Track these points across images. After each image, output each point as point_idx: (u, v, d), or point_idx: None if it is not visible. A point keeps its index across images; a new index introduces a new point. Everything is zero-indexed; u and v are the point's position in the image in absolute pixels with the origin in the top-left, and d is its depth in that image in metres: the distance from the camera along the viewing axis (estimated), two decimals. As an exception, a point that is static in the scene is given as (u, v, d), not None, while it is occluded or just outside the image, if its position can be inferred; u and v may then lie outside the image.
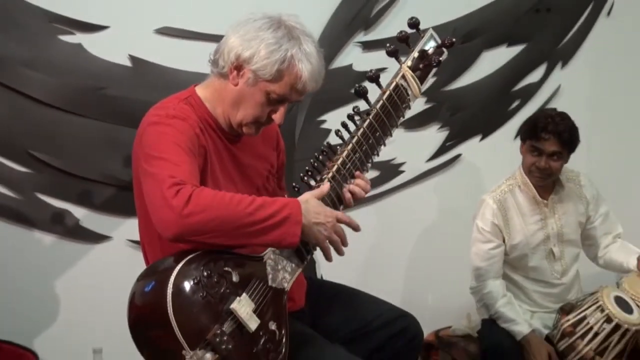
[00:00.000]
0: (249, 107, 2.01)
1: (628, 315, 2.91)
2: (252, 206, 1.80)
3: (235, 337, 1.80)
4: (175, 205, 1.72)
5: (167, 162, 1.83)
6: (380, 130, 2.13)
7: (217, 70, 2.02)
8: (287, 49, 1.93)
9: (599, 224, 3.24)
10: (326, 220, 1.91)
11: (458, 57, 3.59)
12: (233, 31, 1.98)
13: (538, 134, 2.96)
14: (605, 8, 3.93)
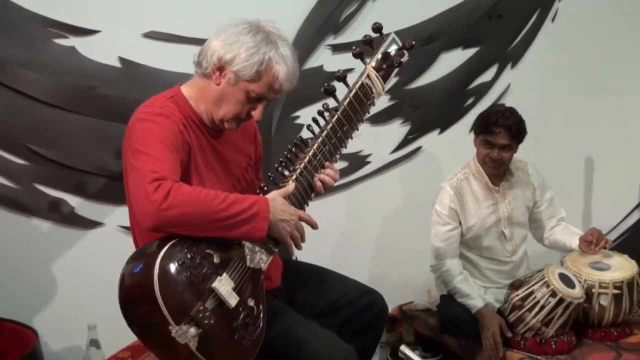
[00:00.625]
0: (230, 105, 2.01)
1: (571, 290, 2.94)
2: (225, 202, 1.81)
3: (216, 313, 1.82)
4: (155, 199, 1.74)
5: (151, 158, 1.83)
6: (348, 124, 2.14)
7: (200, 70, 2.03)
8: (265, 52, 1.94)
9: (544, 208, 3.28)
10: (290, 218, 1.94)
11: (418, 58, 3.59)
12: (215, 35, 1.99)
13: (490, 129, 2.99)
14: (550, 14, 3.95)
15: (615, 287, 3.02)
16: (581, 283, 3.01)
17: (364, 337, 2.29)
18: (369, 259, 3.63)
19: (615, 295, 3.02)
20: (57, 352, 2.99)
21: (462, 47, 3.72)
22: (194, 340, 1.76)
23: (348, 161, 3.49)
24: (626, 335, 3.10)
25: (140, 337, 1.89)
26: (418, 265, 3.37)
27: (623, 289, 3.03)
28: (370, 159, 3.56)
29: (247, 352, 1.89)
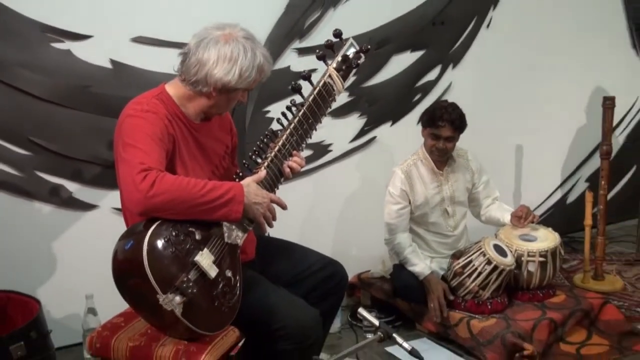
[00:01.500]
0: (226, 106, 2.09)
1: (503, 258, 2.98)
2: (205, 189, 1.81)
3: (198, 283, 1.82)
4: (142, 188, 1.73)
5: (139, 150, 1.82)
6: (312, 118, 2.14)
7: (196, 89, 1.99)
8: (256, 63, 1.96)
9: (481, 189, 3.32)
10: (262, 201, 1.94)
11: (373, 60, 3.58)
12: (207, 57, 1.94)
13: (436, 123, 3.02)
14: (485, 21, 3.96)
15: (541, 255, 3.07)
16: (512, 252, 3.05)
17: (328, 301, 2.29)
18: (331, 234, 3.63)
19: (541, 262, 3.07)
20: (59, 319, 2.94)
21: (410, 50, 3.71)
22: (179, 307, 1.76)
23: (313, 150, 3.48)
24: (550, 296, 3.16)
25: (132, 305, 1.89)
26: (374, 239, 3.37)
27: (548, 257, 3.08)
28: (331, 148, 3.56)
29: (226, 316, 1.90)
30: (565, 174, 4.61)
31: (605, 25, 4.54)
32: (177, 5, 2.97)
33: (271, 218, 2.00)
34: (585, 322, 3.11)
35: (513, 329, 2.85)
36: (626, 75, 4.68)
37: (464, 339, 2.93)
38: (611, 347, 2.98)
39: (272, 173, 2.05)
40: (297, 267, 2.28)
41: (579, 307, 3.10)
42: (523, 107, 4.23)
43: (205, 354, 1.89)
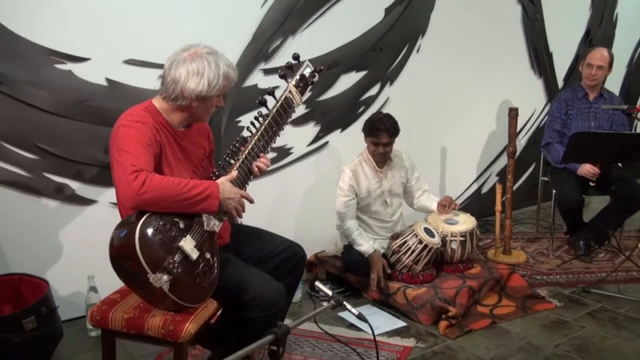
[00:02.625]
0: (205, 113, 2.06)
1: (432, 239, 3.02)
2: (187, 187, 1.81)
3: (182, 264, 1.81)
4: (134, 186, 1.72)
5: (131, 155, 1.80)
6: (276, 126, 2.13)
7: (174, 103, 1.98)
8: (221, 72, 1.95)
9: (414, 183, 3.34)
10: (234, 196, 1.94)
11: (325, 79, 3.58)
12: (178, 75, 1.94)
13: (375, 133, 3.04)
14: (415, 47, 3.99)
15: (461, 236, 3.12)
16: (439, 234, 3.10)
17: (290, 277, 2.29)
18: (293, 221, 3.61)
19: (461, 241, 3.12)
20: (65, 297, 2.86)
21: (355, 71, 3.71)
22: (166, 285, 1.74)
23: (277, 152, 3.46)
24: (469, 269, 3.21)
25: (126, 283, 1.86)
26: (327, 225, 3.38)
27: (467, 237, 3.13)
28: (292, 151, 3.54)
29: (206, 291, 1.89)
30: (479, 170, 4.68)
31: (510, 50, 4.62)
32: (162, 34, 2.91)
33: (241, 210, 1.99)
34: (496, 288, 3.17)
35: (440, 295, 2.89)
36: (527, 91, 4.79)
37: (401, 304, 2.95)
38: (517, 307, 3.03)
39: (243, 172, 2.04)
40: (264, 249, 2.27)
41: (492, 276, 3.15)
42: (446, 116, 4.28)
43: (189, 322, 1.87)
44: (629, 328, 2.78)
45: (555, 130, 3.83)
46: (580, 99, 3.82)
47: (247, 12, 3.22)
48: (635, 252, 3.77)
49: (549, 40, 4.84)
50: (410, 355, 2.56)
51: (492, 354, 2.56)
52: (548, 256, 3.80)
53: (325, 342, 2.66)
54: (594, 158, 3.42)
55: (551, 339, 2.69)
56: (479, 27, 4.32)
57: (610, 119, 3.78)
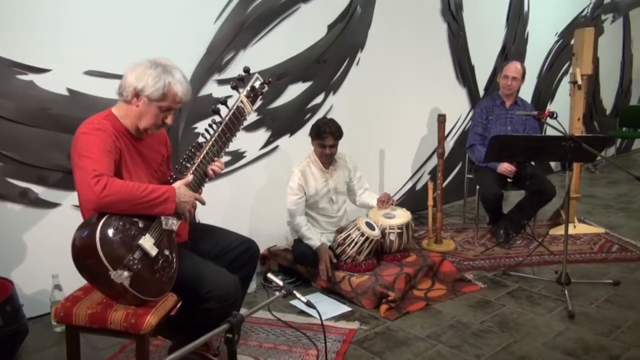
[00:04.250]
0: (149, 118, 1.93)
1: (372, 231, 3.04)
2: (146, 191, 1.76)
3: (142, 261, 1.76)
4: (95, 190, 1.67)
5: (92, 160, 1.74)
6: (229, 132, 2.10)
7: (123, 98, 1.92)
8: (165, 79, 1.89)
9: (356, 182, 3.37)
10: (189, 199, 1.90)
11: (274, 89, 3.56)
12: (129, 72, 1.90)
13: (321, 136, 3.04)
14: (355, 60, 4.02)
15: (398, 228, 3.16)
16: (379, 227, 3.12)
17: (244, 270, 2.26)
18: (247, 219, 3.57)
19: (398, 233, 3.16)
20: (29, 295, 2.73)
21: (302, 81, 3.71)
22: (126, 280, 1.69)
23: (231, 156, 3.41)
24: (406, 257, 3.24)
25: (89, 280, 1.79)
26: (279, 221, 3.36)
27: (403, 229, 3.17)
28: (245, 154, 3.50)
29: (166, 285, 1.84)
30: (414, 169, 4.76)
31: (438, 63, 4.73)
32: (121, 47, 2.82)
33: (193, 212, 1.96)
34: (429, 274, 3.22)
35: (380, 282, 2.91)
36: (453, 99, 4.91)
37: (346, 291, 2.96)
38: (447, 290, 3.08)
39: (198, 175, 2.00)
40: (220, 244, 2.23)
41: (426, 263, 3.20)
42: (383, 122, 4.33)
43: (150, 315, 1.81)
44: (542, 304, 2.88)
45: (477, 133, 3.95)
46: (498, 106, 3.95)
47: (201, 28, 3.17)
48: (547, 238, 3.93)
49: (471, 54, 4.98)
50: (355, 337, 2.57)
51: (427, 332, 2.60)
52: (474, 244, 3.89)
53: (278, 328, 2.64)
54: (511, 157, 3.54)
55: (477, 317, 2.76)
56: (411, 42, 4.39)
57: (523, 123, 3.93)
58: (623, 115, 7.26)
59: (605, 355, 2.35)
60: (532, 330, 2.59)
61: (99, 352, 2.44)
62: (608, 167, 6.62)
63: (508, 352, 2.39)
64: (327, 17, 3.80)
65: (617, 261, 3.51)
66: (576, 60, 4.00)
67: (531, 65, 5.73)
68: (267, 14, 3.45)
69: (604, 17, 6.81)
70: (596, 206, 4.90)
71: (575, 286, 3.01)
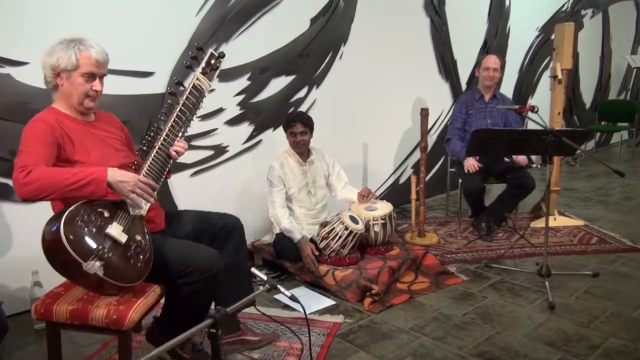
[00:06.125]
0: (77, 90, 1.94)
1: (356, 225, 3.04)
2: (69, 174, 1.72)
3: (113, 249, 1.75)
4: (19, 179, 1.67)
5: (23, 153, 1.75)
6: (189, 112, 2.10)
7: (51, 87, 1.95)
8: (74, 45, 1.89)
9: (335, 177, 3.39)
10: (128, 180, 1.82)
11: (258, 82, 3.54)
12: (42, 58, 1.92)
13: (290, 124, 3.12)
14: (338, 54, 4.02)
15: (382, 219, 3.17)
16: (362, 220, 3.13)
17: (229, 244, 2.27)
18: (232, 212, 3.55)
19: (382, 224, 3.17)
20: (9, 293, 2.68)
21: (285, 75, 3.69)
22: (100, 270, 1.68)
23: (214, 151, 3.38)
24: (389, 251, 3.26)
25: (65, 276, 1.77)
26: (261, 215, 3.35)
27: (386, 220, 3.19)
28: (228, 149, 3.47)
29: (142, 269, 1.82)
30: (397, 163, 4.78)
31: (421, 57, 4.75)
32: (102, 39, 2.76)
33: (144, 194, 1.86)
34: (413, 267, 3.23)
35: (364, 275, 2.92)
36: (436, 93, 4.94)
37: (330, 285, 2.96)
38: (431, 283, 3.10)
39: (161, 158, 2.01)
40: (198, 224, 2.24)
41: (409, 256, 3.21)
42: (367, 116, 4.34)
43: (132, 311, 1.79)
44: (523, 296, 2.92)
45: (456, 128, 3.98)
46: (477, 100, 3.99)
47: (183, 21, 3.13)
48: (528, 231, 3.98)
49: (454, 48, 5.01)
50: (339, 330, 2.58)
51: (410, 325, 2.62)
52: (456, 237, 3.92)
53: (262, 323, 2.64)
54: (492, 151, 3.55)
55: (460, 309, 2.79)
56: (394, 36, 4.40)
57: (503, 117, 3.98)
58: (602, 109, 7.38)
59: (585, 345, 2.39)
60: (513, 322, 2.63)
61: (81, 349, 2.41)
62: (587, 160, 6.73)
63: (490, 343, 2.42)
64: (310, 11, 3.78)
65: (596, 253, 3.57)
66: (556, 55, 4.05)
67: (512, 59, 5.81)
68: (249, 7, 3.42)
69: (583, 12, 6.90)
70: (576, 199, 4.98)
71: (555, 278, 3.06)
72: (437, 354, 2.34)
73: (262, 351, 2.37)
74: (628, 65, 8.03)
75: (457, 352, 2.35)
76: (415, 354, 2.34)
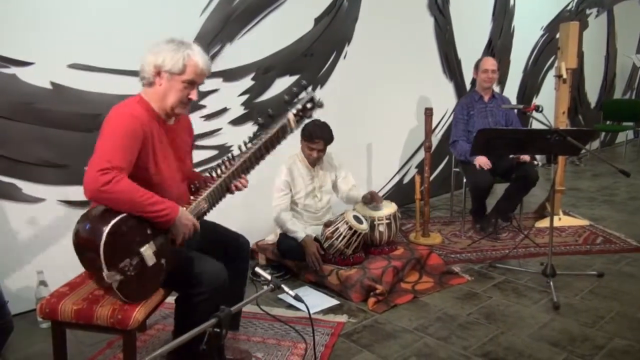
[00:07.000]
0: (174, 95, 1.89)
1: (360, 225, 3.04)
2: (149, 201, 1.73)
3: (137, 267, 1.75)
4: (100, 182, 1.63)
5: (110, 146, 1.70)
6: (265, 151, 2.08)
7: (146, 81, 1.90)
8: (183, 50, 1.85)
9: (341, 180, 3.39)
10: (189, 224, 1.86)
11: (262, 82, 3.54)
12: (147, 53, 1.88)
13: (312, 140, 3.06)
14: (342, 54, 4.01)
15: (387, 219, 3.17)
16: (367, 220, 3.13)
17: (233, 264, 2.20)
18: (236, 213, 3.53)
19: (387, 223, 3.17)
20: (15, 291, 2.68)
21: (289, 75, 3.69)
22: (115, 283, 1.69)
23: (218, 150, 3.39)
24: (393, 250, 3.26)
25: (82, 264, 1.77)
26: (266, 216, 3.34)
27: (391, 219, 3.19)
28: (232, 149, 3.48)
29: (150, 291, 1.86)
30: (401, 163, 4.77)
31: (425, 57, 4.74)
32: (105, 40, 2.78)
33: (187, 236, 1.90)
34: (417, 267, 3.23)
35: (368, 275, 2.92)
36: (440, 92, 4.92)
37: (334, 285, 2.96)
38: (435, 283, 3.10)
39: (221, 189, 1.99)
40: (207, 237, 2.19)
41: (413, 256, 3.21)
42: (371, 116, 4.33)
43: (137, 311, 1.80)
44: (528, 296, 2.91)
45: (460, 130, 3.98)
46: (477, 101, 4.01)
47: (187, 20, 3.13)
48: (532, 231, 3.97)
49: (458, 48, 5.00)
50: (343, 330, 2.57)
51: (415, 325, 2.61)
52: (460, 237, 3.91)
53: (266, 322, 2.64)
54: (496, 151, 3.53)
55: (464, 309, 2.78)
56: (398, 36, 4.39)
57: (504, 116, 4.00)
58: (607, 108, 7.35)
59: (589, 345, 2.38)
60: (518, 322, 2.62)
61: (86, 347, 2.42)
62: (592, 160, 6.70)
63: (494, 343, 2.41)
64: (314, 11, 3.78)
65: (601, 253, 3.55)
66: (561, 54, 4.04)
67: (517, 59, 5.79)
68: (253, 6, 3.42)
69: (588, 11, 6.87)
70: (580, 199, 4.96)
71: (560, 278, 3.05)
72: (441, 354, 2.33)
73: (266, 351, 2.37)
74: (633, 64, 7.99)
75: (462, 352, 2.34)
76: (420, 354, 2.34)
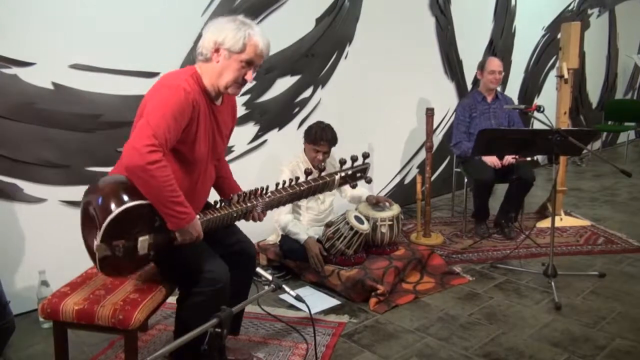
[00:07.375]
0: (230, 74, 1.87)
1: (361, 225, 3.04)
2: (175, 200, 1.73)
3: (127, 250, 1.73)
4: (146, 159, 1.65)
5: (160, 121, 1.69)
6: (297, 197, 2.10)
7: (202, 58, 1.88)
8: (245, 30, 1.84)
9: (345, 181, 3.37)
10: (196, 234, 1.84)
11: (263, 82, 3.54)
12: (207, 30, 1.87)
13: (317, 142, 3.06)
14: (344, 54, 4.01)
15: (389, 220, 3.17)
16: (368, 221, 3.13)
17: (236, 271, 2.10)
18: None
19: (389, 225, 3.17)
20: (17, 291, 2.69)
21: (290, 75, 3.69)
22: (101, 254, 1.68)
23: (219, 150, 3.39)
24: (395, 251, 3.25)
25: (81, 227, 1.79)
26: (268, 215, 3.32)
27: (394, 221, 3.18)
28: (234, 149, 3.48)
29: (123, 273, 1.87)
30: (402, 163, 4.76)
31: (426, 57, 4.73)
32: (106, 40, 2.78)
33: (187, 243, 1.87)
34: (418, 267, 3.23)
35: (370, 275, 2.91)
36: (442, 93, 4.92)
37: (335, 285, 2.96)
38: (436, 283, 3.10)
39: (241, 212, 1.98)
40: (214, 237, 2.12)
41: (414, 257, 3.21)
42: (372, 116, 4.33)
43: (138, 311, 1.80)
44: (529, 296, 2.91)
45: (462, 132, 3.97)
46: (480, 102, 3.99)
47: (188, 20, 3.13)
48: (534, 231, 3.96)
49: (459, 48, 4.99)
50: (344, 330, 2.57)
51: (416, 325, 2.61)
52: (462, 237, 3.91)
53: (267, 322, 2.64)
54: (498, 151, 3.54)
55: (465, 309, 2.78)
56: (399, 36, 4.39)
57: (507, 117, 3.98)
58: (609, 109, 7.34)
59: (591, 345, 2.38)
60: (519, 322, 2.62)
61: (87, 347, 2.42)
62: (594, 160, 6.69)
63: (496, 344, 2.41)
64: (316, 11, 3.78)
65: (602, 253, 3.55)
66: (563, 54, 4.03)
67: (518, 59, 5.78)
68: (255, 6, 3.42)
69: (590, 11, 6.86)
70: (582, 199, 4.95)
71: (561, 278, 3.04)
72: (442, 355, 2.33)
73: (267, 351, 2.37)
74: (635, 64, 7.97)
75: (463, 353, 2.34)
76: (421, 354, 2.33)
